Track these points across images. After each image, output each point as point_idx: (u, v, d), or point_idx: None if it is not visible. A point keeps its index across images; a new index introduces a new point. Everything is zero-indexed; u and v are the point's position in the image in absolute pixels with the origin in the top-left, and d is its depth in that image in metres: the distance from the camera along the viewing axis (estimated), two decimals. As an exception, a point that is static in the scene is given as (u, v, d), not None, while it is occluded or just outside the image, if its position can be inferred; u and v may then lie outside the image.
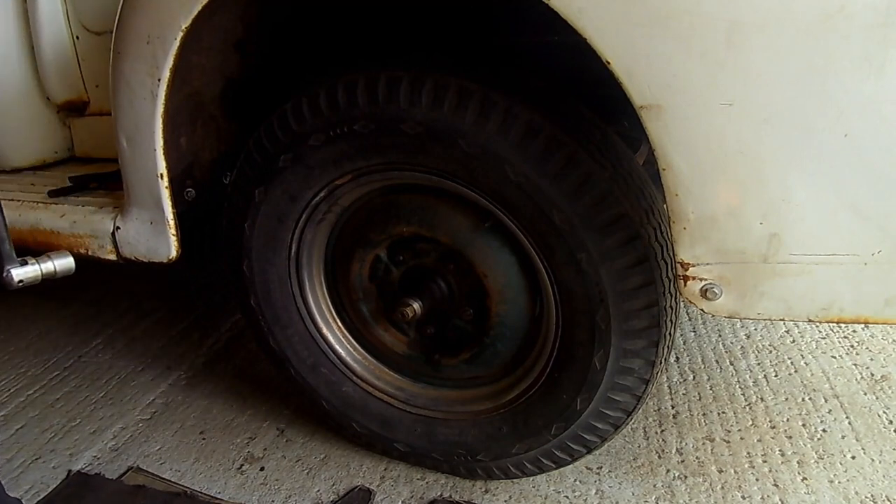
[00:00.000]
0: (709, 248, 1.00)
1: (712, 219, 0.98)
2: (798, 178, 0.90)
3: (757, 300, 1.01)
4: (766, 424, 1.66)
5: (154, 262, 1.39)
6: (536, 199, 1.09)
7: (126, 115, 1.25)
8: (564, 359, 1.24)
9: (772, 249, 0.96)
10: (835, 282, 0.96)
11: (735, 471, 1.52)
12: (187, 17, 1.11)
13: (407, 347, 1.49)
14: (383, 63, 1.19)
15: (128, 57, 1.19)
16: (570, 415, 1.28)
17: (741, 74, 0.87)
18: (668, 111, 0.91)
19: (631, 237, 1.08)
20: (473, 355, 1.40)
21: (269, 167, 1.30)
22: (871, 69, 0.82)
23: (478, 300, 1.34)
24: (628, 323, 1.14)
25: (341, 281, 1.49)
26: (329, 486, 1.56)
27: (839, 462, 1.53)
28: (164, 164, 1.28)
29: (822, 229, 0.93)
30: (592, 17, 0.90)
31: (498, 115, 1.08)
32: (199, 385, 1.98)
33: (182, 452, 1.69)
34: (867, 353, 1.93)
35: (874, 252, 0.92)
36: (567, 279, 1.15)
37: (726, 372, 1.87)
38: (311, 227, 1.39)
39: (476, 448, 1.42)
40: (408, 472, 1.57)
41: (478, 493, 1.50)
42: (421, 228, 1.32)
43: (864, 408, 1.70)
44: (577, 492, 1.49)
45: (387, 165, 1.23)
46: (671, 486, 1.49)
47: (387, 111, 1.15)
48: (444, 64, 1.16)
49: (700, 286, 1.03)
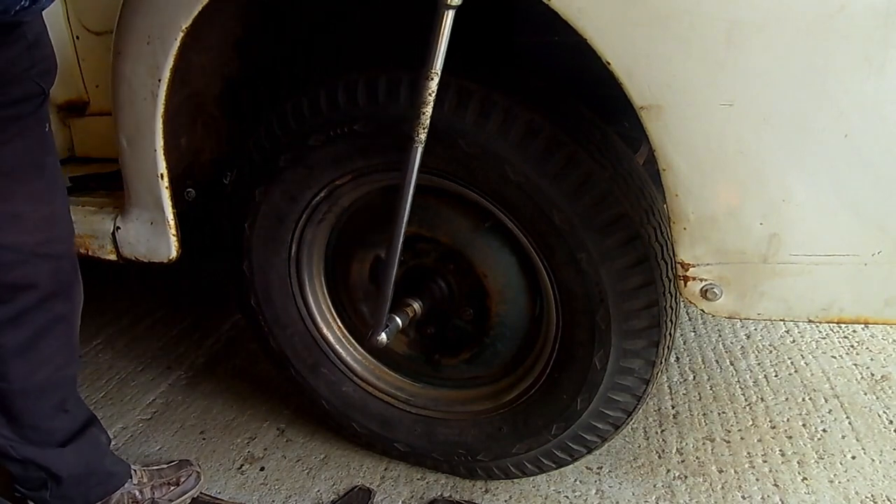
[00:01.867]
0: (709, 249, 1.00)
1: (712, 219, 0.98)
2: (798, 179, 0.90)
3: (757, 300, 1.01)
4: (766, 424, 1.66)
5: (154, 263, 1.39)
6: (536, 199, 1.09)
7: (126, 116, 1.25)
8: (564, 359, 1.24)
9: (772, 250, 0.96)
10: (835, 282, 0.96)
11: (735, 471, 1.52)
12: (188, 17, 1.11)
13: (407, 347, 1.49)
14: (383, 63, 1.19)
15: (128, 57, 1.19)
16: (570, 415, 1.28)
17: (741, 74, 0.87)
18: (669, 111, 0.91)
19: (631, 237, 1.08)
20: (473, 355, 1.40)
21: (269, 167, 1.30)
22: (872, 69, 0.82)
23: (478, 300, 1.34)
24: (628, 323, 1.14)
25: (341, 281, 1.49)
26: (329, 486, 1.56)
27: (839, 462, 1.53)
28: (165, 165, 1.27)
29: (822, 229, 0.93)
30: (592, 18, 0.90)
31: (498, 115, 1.08)
32: (199, 385, 1.98)
33: (182, 452, 1.69)
34: (867, 353, 1.93)
35: (874, 252, 0.92)
36: (567, 279, 1.15)
37: (726, 372, 1.87)
38: (312, 227, 1.39)
39: (476, 448, 1.42)
40: (408, 472, 1.57)
41: (478, 493, 1.50)
42: (421, 228, 1.32)
43: (864, 408, 1.70)
44: (578, 492, 1.49)
45: (387, 165, 1.23)
46: (671, 485, 1.49)
47: (387, 111, 1.15)
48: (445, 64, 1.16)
49: (700, 286, 1.03)
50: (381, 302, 1.20)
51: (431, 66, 0.96)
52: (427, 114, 1.01)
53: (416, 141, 1.03)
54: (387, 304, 1.21)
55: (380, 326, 1.22)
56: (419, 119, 1.01)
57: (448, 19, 0.93)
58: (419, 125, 1.02)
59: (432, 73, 0.97)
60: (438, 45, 0.95)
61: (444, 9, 0.92)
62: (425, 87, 0.98)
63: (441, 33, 0.94)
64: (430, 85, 0.98)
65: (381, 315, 1.22)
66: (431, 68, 0.97)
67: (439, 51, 0.95)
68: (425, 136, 1.03)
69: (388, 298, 1.20)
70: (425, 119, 1.01)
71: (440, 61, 0.96)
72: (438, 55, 0.96)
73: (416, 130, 1.02)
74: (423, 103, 1.00)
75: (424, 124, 1.02)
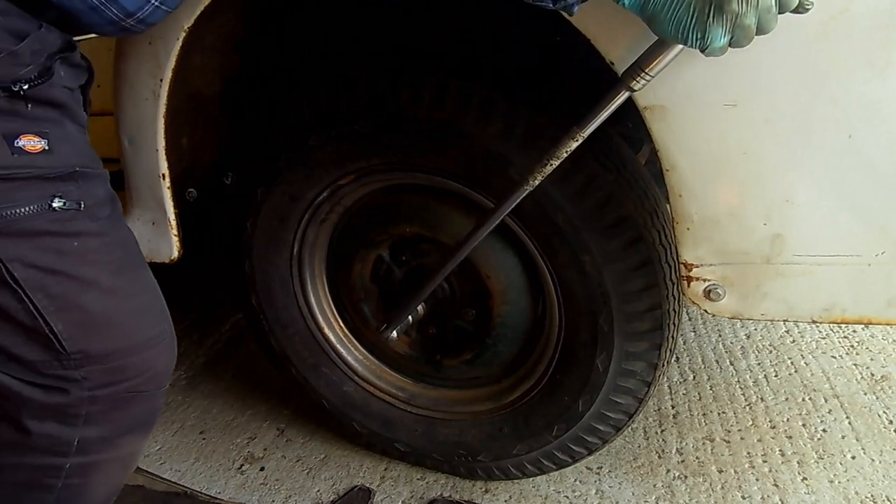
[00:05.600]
0: (712, 249, 1.00)
1: (715, 219, 0.98)
2: (801, 179, 0.90)
3: (760, 301, 1.01)
4: (766, 424, 1.66)
5: (155, 263, 1.39)
6: (540, 200, 1.09)
7: (128, 116, 1.25)
8: (566, 360, 1.24)
9: (775, 250, 0.97)
10: (838, 283, 0.96)
11: (735, 471, 1.52)
12: (190, 17, 1.10)
13: (408, 347, 1.49)
14: (385, 63, 1.19)
15: (130, 57, 1.19)
16: (571, 416, 1.28)
17: (745, 75, 0.87)
18: (672, 112, 0.91)
19: (635, 239, 1.08)
20: (475, 356, 1.40)
21: (271, 167, 1.30)
22: (874, 71, 0.82)
23: (480, 301, 1.33)
24: (631, 325, 1.14)
25: (343, 281, 1.48)
26: (329, 486, 1.55)
27: (839, 462, 1.53)
28: (166, 165, 1.27)
29: (825, 230, 0.93)
30: (595, 18, 0.90)
31: (500, 115, 1.08)
32: (199, 385, 1.98)
33: (182, 452, 1.69)
34: (867, 353, 1.93)
35: (877, 253, 0.92)
36: (570, 281, 1.15)
37: (726, 372, 1.87)
38: (314, 226, 1.38)
39: (477, 448, 1.42)
40: (408, 472, 1.57)
41: (478, 493, 1.50)
42: (423, 229, 1.32)
43: (864, 408, 1.70)
44: (577, 492, 1.49)
45: (388, 166, 1.23)
46: (671, 486, 1.49)
47: (388, 111, 1.15)
48: (446, 64, 1.16)
49: (703, 287, 1.03)
50: (405, 306, 1.30)
51: (582, 130, 0.93)
52: (553, 167, 0.97)
53: (527, 185, 1.00)
54: (410, 310, 1.31)
55: (394, 325, 1.33)
56: (541, 168, 0.98)
57: (620, 99, 0.90)
58: (538, 173, 0.98)
59: (579, 135, 0.93)
60: (599, 116, 0.92)
61: (623, 89, 0.88)
62: (566, 144, 0.95)
63: (607, 107, 0.90)
64: (572, 145, 0.94)
65: (401, 318, 1.32)
66: (581, 131, 0.93)
67: (597, 120, 0.92)
68: (537, 184, 1.00)
69: (415, 306, 1.31)
70: (548, 170, 0.98)
71: (592, 129, 0.93)
72: (594, 124, 0.92)
73: (532, 176, 0.99)
74: (555, 157, 0.96)
75: (544, 174, 0.98)
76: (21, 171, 0.75)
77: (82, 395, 0.88)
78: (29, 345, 0.84)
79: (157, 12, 0.85)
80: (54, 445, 0.91)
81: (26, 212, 0.76)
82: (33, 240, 0.78)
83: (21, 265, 0.78)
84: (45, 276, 0.80)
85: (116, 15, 0.80)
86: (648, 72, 0.85)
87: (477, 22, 1.27)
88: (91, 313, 0.86)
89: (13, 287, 0.79)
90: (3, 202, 0.74)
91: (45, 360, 0.85)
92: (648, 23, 0.79)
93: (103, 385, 0.90)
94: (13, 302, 0.80)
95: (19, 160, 0.74)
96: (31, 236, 0.78)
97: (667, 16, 0.76)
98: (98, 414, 0.91)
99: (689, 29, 0.75)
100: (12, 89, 0.72)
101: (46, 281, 0.81)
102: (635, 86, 0.87)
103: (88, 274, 0.85)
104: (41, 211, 0.77)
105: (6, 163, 0.73)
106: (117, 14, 0.80)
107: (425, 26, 1.31)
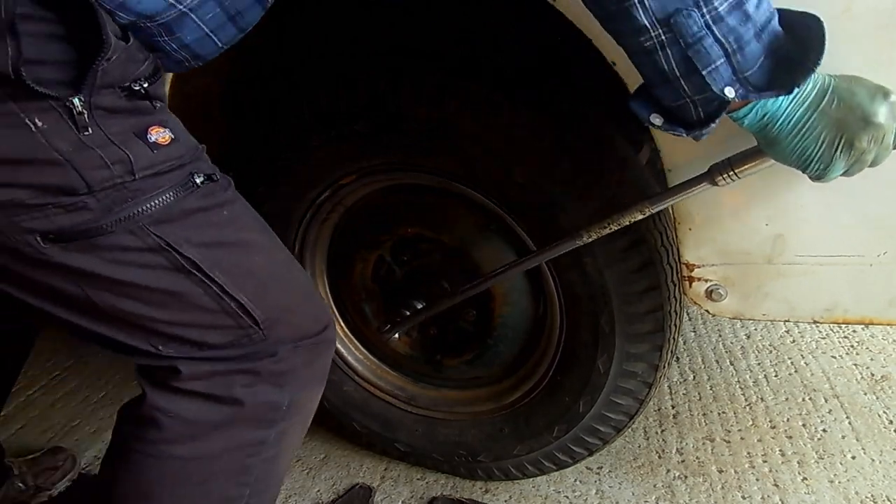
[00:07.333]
0: (713, 250, 1.00)
1: (717, 220, 0.98)
2: (803, 180, 0.90)
3: (761, 301, 1.02)
4: (766, 424, 1.66)
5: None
6: (542, 201, 1.09)
7: (128, 115, 1.24)
8: (567, 361, 1.24)
9: (776, 250, 0.97)
10: (839, 283, 0.96)
11: (735, 471, 1.52)
12: (189, 16, 1.10)
13: (409, 348, 1.49)
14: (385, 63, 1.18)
15: (130, 57, 1.18)
16: (572, 417, 1.28)
17: (747, 75, 0.86)
18: (674, 112, 0.91)
19: (637, 241, 1.07)
20: (476, 356, 1.40)
21: (271, 167, 1.30)
22: (877, 71, 0.82)
23: (481, 302, 1.33)
24: (633, 326, 1.14)
25: (343, 281, 1.48)
26: (329, 485, 1.55)
27: (839, 462, 1.53)
28: (166, 165, 1.27)
29: (826, 231, 0.93)
30: (597, 18, 0.90)
31: (501, 116, 1.08)
32: (199, 385, 1.97)
33: (182, 453, 1.69)
34: (867, 353, 1.93)
35: (879, 253, 0.92)
36: (572, 282, 1.15)
37: (726, 372, 1.87)
38: (315, 226, 1.38)
39: (477, 449, 1.42)
40: (408, 472, 1.57)
41: (478, 493, 1.50)
42: (424, 229, 1.31)
43: (864, 408, 1.70)
44: (577, 492, 1.49)
45: (389, 166, 1.22)
46: (671, 486, 1.49)
47: (388, 111, 1.14)
48: (446, 64, 1.16)
49: (705, 287, 1.03)
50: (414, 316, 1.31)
51: (652, 206, 0.93)
52: (610, 230, 0.97)
53: (579, 240, 0.99)
54: (418, 319, 1.32)
55: (399, 329, 1.35)
56: (599, 228, 0.97)
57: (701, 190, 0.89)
58: (594, 231, 0.98)
59: (648, 209, 0.93)
60: (673, 198, 0.92)
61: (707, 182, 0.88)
62: (632, 214, 0.94)
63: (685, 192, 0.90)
64: (636, 216, 0.94)
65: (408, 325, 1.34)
66: (651, 206, 0.93)
67: (670, 202, 0.93)
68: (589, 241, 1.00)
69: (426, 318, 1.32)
70: (603, 231, 0.97)
71: (661, 208, 0.93)
72: (667, 203, 0.92)
73: (588, 234, 0.98)
74: (617, 223, 0.96)
75: (600, 233, 0.98)
76: (164, 166, 0.76)
77: (284, 353, 0.89)
78: (219, 330, 0.84)
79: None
80: (269, 412, 0.90)
81: (176, 195, 0.77)
82: (189, 218, 0.78)
83: (190, 245, 0.78)
84: (214, 250, 0.80)
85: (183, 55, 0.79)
86: (738, 173, 0.85)
87: (477, 22, 1.26)
88: (262, 274, 0.86)
89: (190, 271, 0.78)
90: (153, 190, 0.74)
91: (238, 337, 0.85)
92: (767, 146, 0.78)
93: (298, 338, 0.90)
94: (194, 287, 0.80)
95: (160, 155, 0.75)
96: (187, 216, 0.78)
97: (791, 143, 0.75)
98: (299, 370, 0.92)
99: (812, 159, 0.75)
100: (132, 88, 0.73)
101: (217, 255, 0.81)
102: (720, 182, 0.86)
103: (247, 237, 0.86)
104: (188, 190, 0.78)
105: (151, 161, 0.74)
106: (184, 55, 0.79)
107: (425, 26, 1.30)
